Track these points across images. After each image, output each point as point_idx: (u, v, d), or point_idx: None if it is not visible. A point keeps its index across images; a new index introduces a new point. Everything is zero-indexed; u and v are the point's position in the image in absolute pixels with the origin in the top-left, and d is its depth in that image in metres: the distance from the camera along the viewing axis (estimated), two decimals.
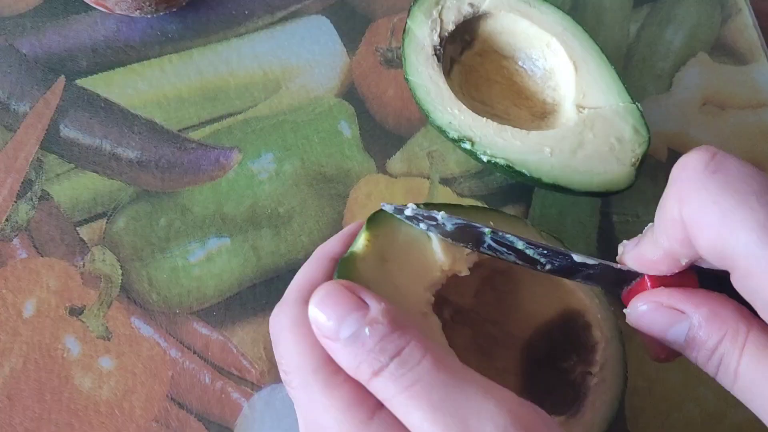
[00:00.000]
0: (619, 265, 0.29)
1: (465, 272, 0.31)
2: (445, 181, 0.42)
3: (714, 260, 0.25)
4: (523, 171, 0.38)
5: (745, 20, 0.48)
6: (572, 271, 0.30)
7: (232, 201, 0.40)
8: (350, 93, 0.44)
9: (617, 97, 0.40)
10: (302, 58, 0.44)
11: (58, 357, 0.36)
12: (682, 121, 0.45)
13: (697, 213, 0.25)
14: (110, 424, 0.35)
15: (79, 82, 0.42)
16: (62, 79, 0.42)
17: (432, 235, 0.30)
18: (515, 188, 0.42)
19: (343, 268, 0.28)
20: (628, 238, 0.42)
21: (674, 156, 0.44)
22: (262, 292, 0.39)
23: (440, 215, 0.30)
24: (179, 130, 0.42)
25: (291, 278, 0.39)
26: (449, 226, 0.30)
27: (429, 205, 0.32)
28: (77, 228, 0.39)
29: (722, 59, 0.47)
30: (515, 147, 0.38)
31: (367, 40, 0.45)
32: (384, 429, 0.24)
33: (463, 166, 0.43)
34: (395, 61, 0.45)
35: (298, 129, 0.42)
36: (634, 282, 0.29)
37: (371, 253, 0.29)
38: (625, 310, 0.29)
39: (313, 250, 0.39)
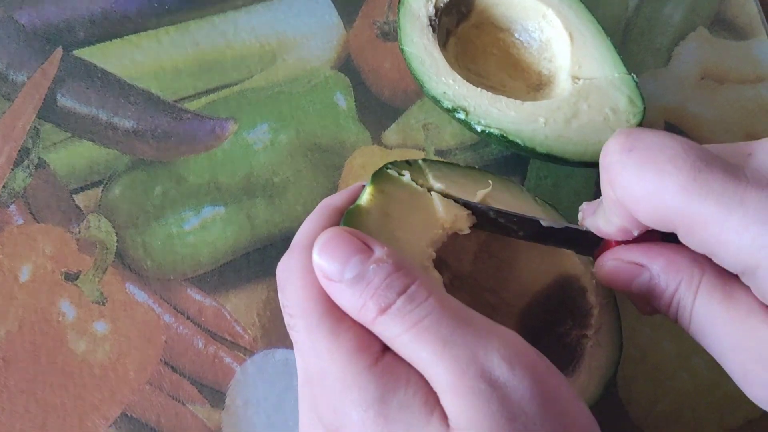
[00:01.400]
0: (584, 228, 0.31)
1: (465, 230, 0.31)
2: (440, 153, 0.42)
3: (658, 227, 0.27)
4: (517, 141, 0.38)
5: None
6: (544, 236, 0.31)
7: (227, 170, 0.40)
8: (346, 65, 0.44)
9: (612, 68, 0.40)
10: (298, 30, 0.44)
11: (54, 321, 0.36)
12: (680, 95, 0.45)
13: (626, 192, 0.26)
14: (104, 386, 0.35)
15: (77, 52, 0.42)
16: (60, 49, 0.42)
17: (433, 193, 0.31)
18: (510, 160, 0.42)
19: (348, 219, 0.29)
20: None
21: (671, 129, 0.44)
22: (256, 260, 0.39)
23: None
24: (175, 101, 0.42)
25: (285, 247, 0.39)
26: None
27: (428, 162, 0.33)
28: (73, 195, 0.39)
29: (722, 34, 0.47)
30: (509, 117, 0.38)
31: (364, 13, 0.45)
32: (388, 373, 0.24)
33: (458, 138, 0.43)
34: (392, 35, 0.45)
35: (294, 100, 0.43)
36: (602, 242, 0.31)
37: (375, 207, 0.29)
38: (592, 269, 0.31)
39: None
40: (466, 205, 0.31)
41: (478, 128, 0.38)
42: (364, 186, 0.31)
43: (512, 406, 0.23)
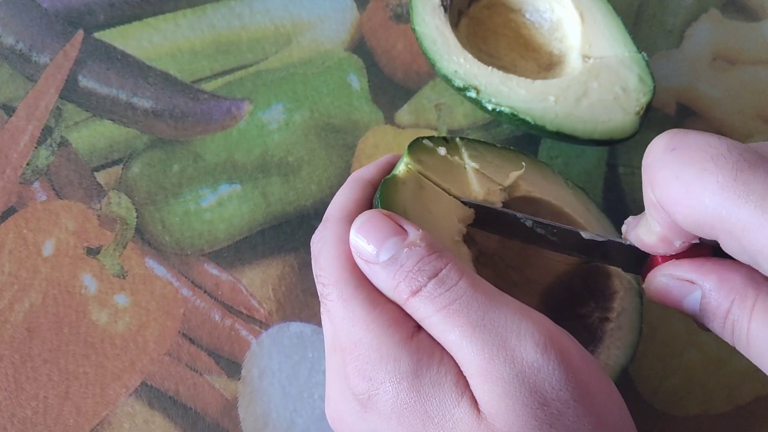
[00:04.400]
0: (627, 242, 0.29)
1: (497, 205, 0.31)
2: (453, 133, 0.43)
3: (698, 233, 0.25)
4: (527, 119, 0.38)
5: None
6: (586, 249, 0.30)
7: (243, 149, 0.41)
8: (360, 47, 0.45)
9: (623, 48, 0.40)
10: (313, 13, 0.45)
11: (76, 293, 0.38)
12: (691, 76, 0.45)
13: (664, 192, 0.24)
14: (125, 356, 0.37)
15: (97, 35, 0.43)
16: (81, 32, 0.43)
17: (469, 168, 0.31)
18: (522, 139, 0.43)
19: (385, 189, 0.29)
20: (634, 190, 0.42)
21: (683, 110, 0.44)
22: (271, 236, 0.40)
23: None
24: (192, 82, 0.43)
25: (299, 224, 0.40)
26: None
27: (464, 141, 0.33)
28: (94, 173, 0.40)
29: (734, 15, 0.47)
30: (520, 95, 0.39)
31: None
32: (422, 349, 0.24)
33: (470, 118, 0.43)
34: (405, 17, 0.45)
35: (308, 81, 0.43)
36: (648, 259, 0.29)
37: (410, 178, 0.30)
38: (643, 286, 0.29)
39: (321, 198, 0.41)
40: (501, 213, 0.30)
41: (489, 107, 0.39)
42: (396, 156, 0.31)
43: (544, 392, 0.23)
